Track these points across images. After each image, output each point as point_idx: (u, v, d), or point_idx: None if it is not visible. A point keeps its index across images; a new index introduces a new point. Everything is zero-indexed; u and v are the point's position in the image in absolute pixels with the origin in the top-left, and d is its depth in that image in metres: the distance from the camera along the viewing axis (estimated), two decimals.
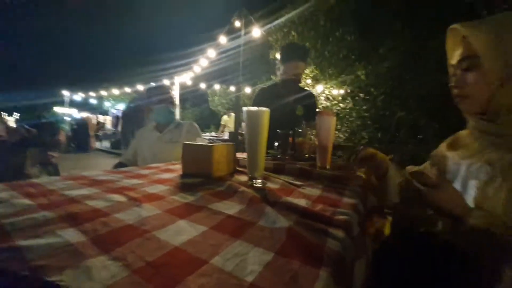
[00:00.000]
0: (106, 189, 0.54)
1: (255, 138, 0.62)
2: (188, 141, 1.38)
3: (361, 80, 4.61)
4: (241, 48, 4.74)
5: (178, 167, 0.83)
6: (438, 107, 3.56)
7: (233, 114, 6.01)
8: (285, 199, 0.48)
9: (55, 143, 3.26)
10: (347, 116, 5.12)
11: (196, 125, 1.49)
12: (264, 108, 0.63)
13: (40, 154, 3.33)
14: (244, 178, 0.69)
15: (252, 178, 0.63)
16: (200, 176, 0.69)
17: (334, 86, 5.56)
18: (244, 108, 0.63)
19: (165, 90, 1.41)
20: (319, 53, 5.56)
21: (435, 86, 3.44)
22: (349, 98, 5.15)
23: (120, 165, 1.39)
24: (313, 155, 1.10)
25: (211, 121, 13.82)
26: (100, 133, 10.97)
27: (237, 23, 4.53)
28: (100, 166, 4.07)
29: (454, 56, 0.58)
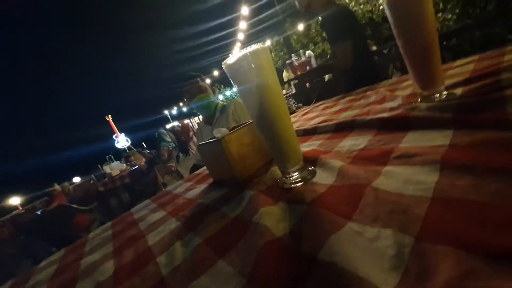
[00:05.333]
0: (118, 244, 0.44)
1: (266, 109, 0.34)
2: (237, 122, 1.23)
3: None
4: None
5: None
6: None
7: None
8: (332, 248, 0.19)
9: (160, 160, 4.03)
10: None
11: (240, 101, 1.28)
12: (257, 46, 0.32)
13: (163, 168, 4.27)
14: None
15: (284, 175, 0.36)
16: (228, 182, 0.49)
17: None
18: (223, 63, 0.35)
19: (192, 83, 1.26)
20: None
21: None
22: None
23: (194, 167, 1.43)
24: None
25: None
26: None
27: None
28: None
29: None
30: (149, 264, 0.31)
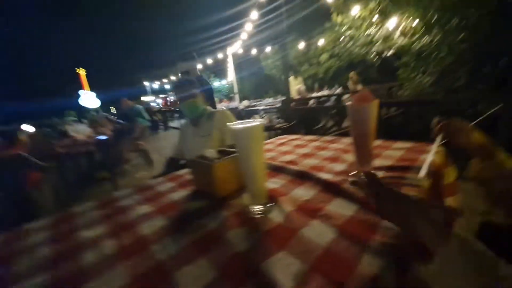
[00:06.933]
0: (113, 226, 0.56)
1: (251, 165, 0.50)
2: (220, 131, 1.37)
3: None
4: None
5: None
6: None
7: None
8: (270, 264, 0.36)
9: (131, 136, 3.93)
10: (434, 53, 3.90)
11: (227, 112, 1.43)
12: (256, 122, 0.48)
13: (131, 144, 4.16)
14: None
15: (251, 205, 0.53)
16: (207, 195, 0.64)
17: (413, 15, 4.23)
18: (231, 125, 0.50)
19: (188, 87, 1.36)
20: None
21: None
22: (436, 27, 3.83)
23: (171, 160, 1.52)
24: None
25: (268, 86, 13.56)
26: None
27: None
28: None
29: None
30: (147, 248, 0.45)
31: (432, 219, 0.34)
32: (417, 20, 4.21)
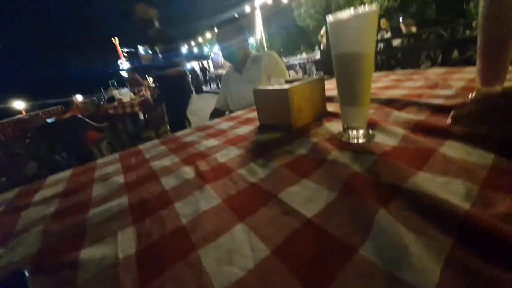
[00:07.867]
0: (186, 156, 0.51)
1: (359, 72, 0.37)
2: (268, 75, 1.23)
3: None
4: None
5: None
6: None
7: None
8: (414, 183, 0.26)
9: None
10: None
11: (274, 54, 1.26)
12: (369, 8, 0.34)
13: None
14: (337, 125, 0.49)
15: (347, 129, 0.42)
16: (279, 128, 0.55)
17: None
18: (328, 17, 0.37)
19: (227, 29, 1.23)
20: None
21: None
22: None
23: (215, 112, 1.47)
24: None
25: (300, 41, 12.39)
26: (207, 77, 12.60)
27: None
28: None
29: None
30: (231, 173, 0.38)
31: None
32: None
